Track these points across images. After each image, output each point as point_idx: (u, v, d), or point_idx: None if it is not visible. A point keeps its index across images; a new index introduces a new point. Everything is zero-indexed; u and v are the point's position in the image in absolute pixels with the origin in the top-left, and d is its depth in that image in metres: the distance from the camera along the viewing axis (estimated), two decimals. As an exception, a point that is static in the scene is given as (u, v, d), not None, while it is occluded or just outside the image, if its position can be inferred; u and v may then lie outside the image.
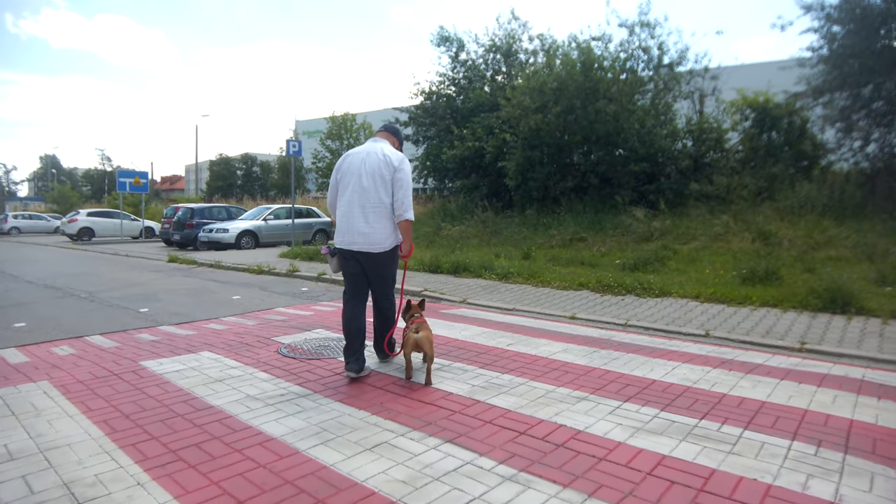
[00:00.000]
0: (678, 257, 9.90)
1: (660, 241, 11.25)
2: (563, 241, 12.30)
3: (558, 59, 14.82)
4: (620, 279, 7.98)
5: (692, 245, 10.86)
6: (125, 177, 24.28)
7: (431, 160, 19.46)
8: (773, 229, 10.78)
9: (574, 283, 8.10)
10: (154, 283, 9.89)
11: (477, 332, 5.53)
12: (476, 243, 13.51)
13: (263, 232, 17.24)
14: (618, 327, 5.91)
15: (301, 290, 8.78)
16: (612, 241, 11.76)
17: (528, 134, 14.90)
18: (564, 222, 13.36)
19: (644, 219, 12.30)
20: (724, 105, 15.18)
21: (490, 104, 17.93)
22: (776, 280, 7.55)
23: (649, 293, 7.38)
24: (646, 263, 9.01)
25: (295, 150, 14.47)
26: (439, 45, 19.60)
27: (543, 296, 7.64)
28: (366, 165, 3.93)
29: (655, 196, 13.84)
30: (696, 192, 13.54)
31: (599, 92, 14.27)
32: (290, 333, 5.53)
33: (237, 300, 7.85)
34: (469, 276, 9.32)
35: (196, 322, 6.30)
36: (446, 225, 15.50)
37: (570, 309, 6.80)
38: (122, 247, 20.26)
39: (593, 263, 9.77)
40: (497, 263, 9.61)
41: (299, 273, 10.31)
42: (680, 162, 14.26)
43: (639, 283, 7.66)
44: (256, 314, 6.73)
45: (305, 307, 7.17)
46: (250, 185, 53.20)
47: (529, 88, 14.80)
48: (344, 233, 3.97)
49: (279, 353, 4.74)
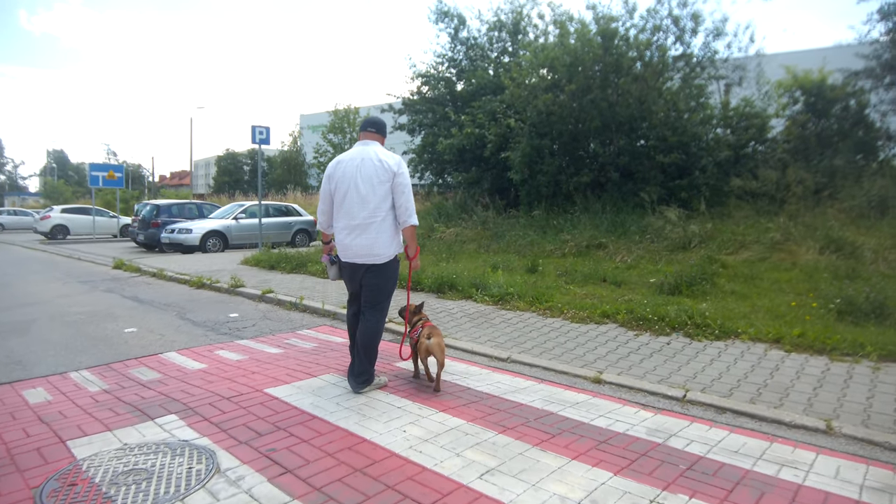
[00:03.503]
0: (729, 273, 7.63)
1: (700, 249, 8.97)
2: (577, 248, 10.04)
3: (572, 29, 12.50)
4: (659, 307, 5.75)
5: (743, 256, 8.56)
6: (98, 170, 22.21)
7: (429, 152, 17.23)
8: (846, 236, 8.47)
9: (595, 313, 5.87)
10: (58, 301, 7.79)
11: (436, 428, 3.30)
12: (473, 249, 11.28)
13: (234, 232, 15.09)
14: (673, 404, 3.69)
15: (229, 316, 6.62)
16: (640, 248, 9.48)
17: (537, 119, 12.62)
18: (579, 224, 11.08)
19: (678, 221, 10.01)
20: (769, 86, 12.85)
21: (494, 86, 15.64)
22: (885, 315, 5.28)
23: (705, 332, 5.13)
24: (690, 283, 6.75)
25: (262, 138, 12.34)
26: (437, 21, 17.32)
27: (553, 332, 5.42)
28: (361, 172, 3.73)
29: (688, 193, 11.55)
30: (739, 189, 11.25)
31: (622, 68, 11.96)
32: (119, 425, 3.33)
33: (129, 335, 5.71)
34: (456, 296, 7.13)
35: (10, 384, 4.17)
36: (440, 226, 13.28)
37: (593, 360, 4.59)
38: (87, 247, 18.27)
39: (618, 280, 7.52)
40: (494, 280, 7.41)
41: (242, 289, 8.15)
42: (717, 153, 11.93)
43: (687, 316, 5.42)
44: (124, 365, 4.58)
45: (207, 351, 5.01)
46: (257, 180, 51.74)
47: (538, 64, 12.51)
48: (346, 245, 3.78)
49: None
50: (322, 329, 5.96)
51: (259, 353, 4.89)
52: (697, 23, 12.30)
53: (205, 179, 78.35)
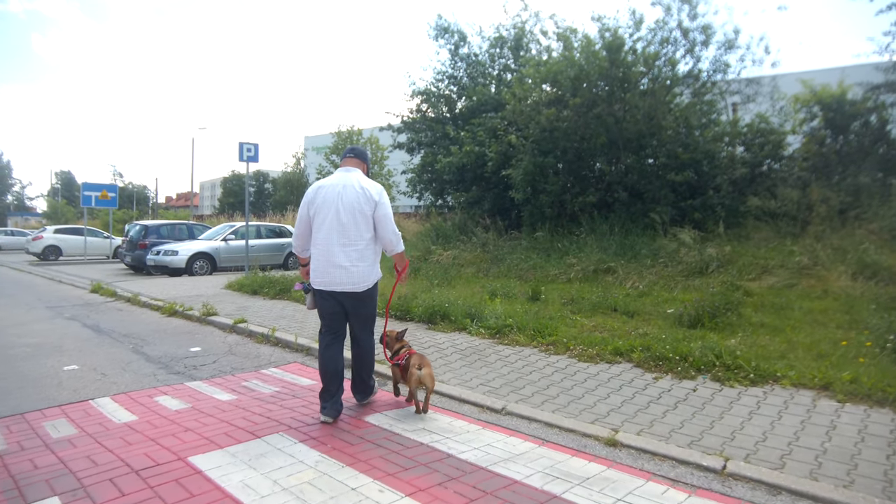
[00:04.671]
0: (755, 302, 6.82)
1: (719, 274, 8.17)
2: (584, 273, 9.25)
3: (577, 43, 11.89)
4: (680, 343, 4.96)
5: (768, 282, 7.76)
6: (90, 190, 21.64)
7: (428, 171, 16.57)
8: (881, 260, 7.67)
9: (606, 350, 5.07)
10: (9, 331, 7.06)
11: None
12: (471, 273, 10.51)
13: (223, 254, 14.37)
14: (710, 480, 2.89)
15: (190, 350, 5.85)
16: (652, 273, 8.69)
17: (539, 136, 11.94)
18: (585, 247, 10.30)
19: (693, 244, 9.24)
20: (785, 101, 12.17)
21: (495, 103, 15.04)
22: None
23: (738, 376, 4.33)
24: (713, 314, 5.95)
25: (250, 156, 11.72)
26: (437, 37, 16.82)
27: (558, 374, 4.63)
28: (343, 200, 3.61)
29: (702, 214, 10.79)
30: (756, 209, 10.49)
31: (630, 82, 11.32)
32: None
33: (66, 374, 4.94)
34: (448, 328, 6.35)
35: None
36: (437, 248, 12.53)
37: (606, 412, 3.79)
38: (75, 269, 17.59)
39: (630, 310, 6.73)
40: (491, 309, 6.63)
41: (214, 318, 7.40)
42: (732, 171, 11.19)
43: (714, 355, 4.62)
44: (41, 415, 3.82)
45: (147, 396, 4.24)
46: (262, 201, 53.47)
47: (540, 79, 11.89)
48: (322, 272, 3.64)
49: None
50: (291, 367, 5.20)
51: (206, 401, 4.12)
52: (708, 35, 11.69)
53: (210, 201, 78.54)
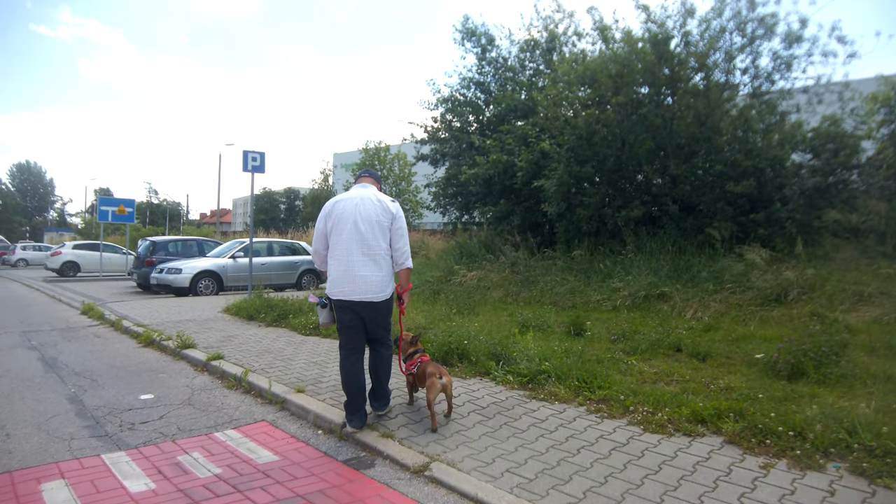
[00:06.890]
0: (863, 342, 5.30)
1: (804, 304, 6.64)
2: (632, 299, 7.81)
3: (619, 36, 10.56)
4: (787, 408, 3.53)
5: (870, 314, 6.19)
6: (107, 205, 21.04)
7: (453, 184, 15.32)
8: None
9: (682, 414, 3.67)
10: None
11: None
12: (498, 297, 9.16)
13: (229, 272, 13.34)
14: None
15: (140, 398, 4.65)
16: (717, 301, 7.19)
17: (576, 142, 10.60)
18: (632, 269, 8.83)
19: (766, 265, 7.72)
20: (859, 102, 10.56)
21: (525, 109, 13.79)
22: None
23: (889, 466, 2.89)
24: (818, 362, 4.48)
25: (255, 166, 10.74)
26: (464, 41, 15.70)
27: (617, 455, 3.25)
28: (360, 211, 3.69)
29: (767, 230, 9.24)
30: (834, 224, 8.93)
31: (680, 79, 9.92)
32: None
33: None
34: (467, 371, 5.02)
35: None
36: (461, 268, 11.21)
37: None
38: (85, 286, 16.86)
39: (700, 351, 5.27)
40: (522, 346, 5.29)
41: (189, 351, 6.22)
42: (803, 180, 9.64)
43: (846, 431, 3.18)
44: None
45: (34, 481, 3.02)
46: (293, 218, 54.55)
47: (577, 77, 10.57)
48: (343, 282, 3.67)
49: None
50: (254, 429, 3.94)
51: (108, 497, 2.88)
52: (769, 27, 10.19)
53: (243, 217, 79.41)
